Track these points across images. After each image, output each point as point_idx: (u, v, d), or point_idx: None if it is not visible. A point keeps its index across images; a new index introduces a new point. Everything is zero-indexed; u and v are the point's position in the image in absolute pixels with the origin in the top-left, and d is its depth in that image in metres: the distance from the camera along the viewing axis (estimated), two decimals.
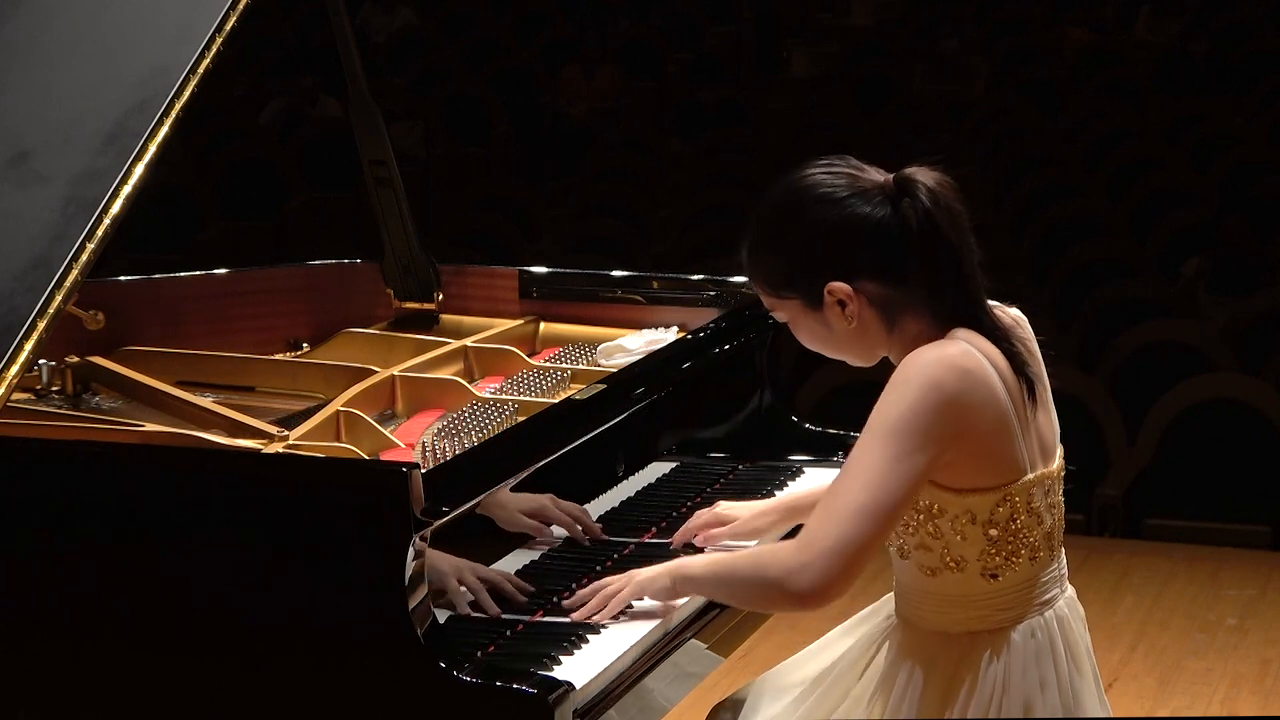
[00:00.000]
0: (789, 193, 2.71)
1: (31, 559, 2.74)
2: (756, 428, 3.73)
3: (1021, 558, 2.65)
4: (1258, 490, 6.82)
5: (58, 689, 2.74)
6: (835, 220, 2.65)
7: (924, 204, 2.62)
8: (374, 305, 4.02)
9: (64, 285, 2.86)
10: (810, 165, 2.73)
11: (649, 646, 2.83)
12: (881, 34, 12.81)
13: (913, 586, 2.72)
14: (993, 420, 2.58)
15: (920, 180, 2.64)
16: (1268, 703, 5.27)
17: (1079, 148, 9.98)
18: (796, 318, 2.72)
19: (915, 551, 2.67)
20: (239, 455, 2.97)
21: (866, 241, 2.63)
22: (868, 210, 2.64)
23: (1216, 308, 7.92)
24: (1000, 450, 2.60)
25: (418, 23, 12.62)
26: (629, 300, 3.91)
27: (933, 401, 2.54)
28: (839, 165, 2.72)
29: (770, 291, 2.74)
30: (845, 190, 2.66)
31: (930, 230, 2.61)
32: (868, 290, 2.64)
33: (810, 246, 2.66)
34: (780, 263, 2.70)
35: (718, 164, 10.38)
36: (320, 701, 2.62)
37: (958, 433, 2.56)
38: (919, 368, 2.56)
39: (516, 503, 2.92)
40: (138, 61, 3.06)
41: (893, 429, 2.55)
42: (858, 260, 2.64)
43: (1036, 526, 2.65)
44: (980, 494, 2.61)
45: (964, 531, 2.62)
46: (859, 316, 2.65)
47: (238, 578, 2.65)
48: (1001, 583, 2.66)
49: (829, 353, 2.75)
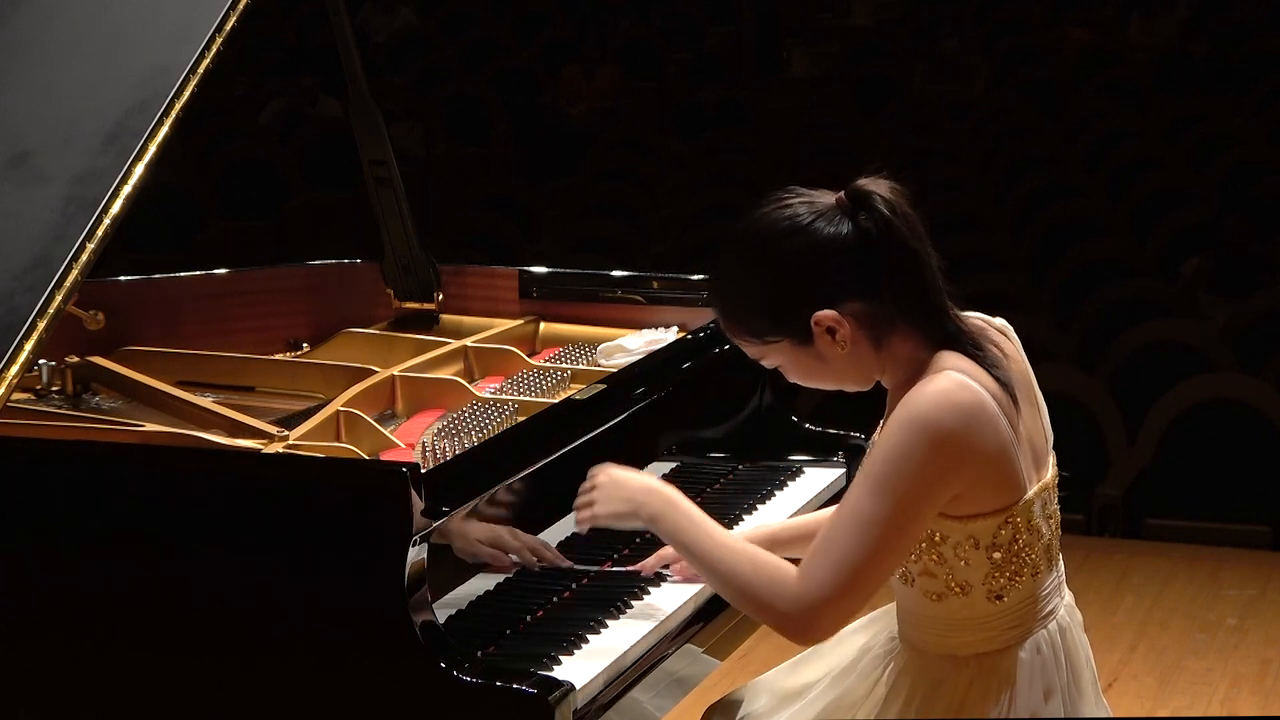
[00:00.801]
0: (749, 238, 2.65)
1: (31, 559, 2.74)
2: (756, 428, 3.73)
3: (1024, 576, 2.64)
4: (1258, 490, 6.81)
5: (58, 689, 2.74)
6: (804, 248, 2.60)
7: (882, 213, 2.58)
8: (374, 305, 4.01)
9: (64, 285, 2.86)
10: (757, 208, 2.67)
11: (649, 647, 2.83)
12: (881, 34, 12.81)
13: (917, 611, 2.70)
14: (994, 450, 2.56)
15: (873, 190, 2.61)
16: (1268, 703, 5.26)
17: (1079, 148, 9.97)
18: (788, 358, 2.67)
19: (920, 578, 2.65)
20: (239, 455, 2.96)
21: (839, 262, 2.59)
22: (832, 230, 2.60)
23: (1216, 308, 7.92)
24: (1002, 475, 2.59)
25: (418, 23, 12.62)
26: (629, 300, 3.91)
27: (933, 449, 2.51)
28: (788, 197, 2.66)
29: (756, 340, 2.68)
30: (806, 217, 2.61)
31: (890, 238, 2.58)
32: (852, 310, 2.60)
33: (786, 282, 2.61)
34: (759, 309, 2.64)
35: (718, 164, 10.38)
36: (320, 701, 2.62)
37: (960, 472, 2.55)
38: (917, 412, 2.53)
39: (475, 532, 2.87)
40: (138, 61, 3.06)
41: (894, 479, 2.52)
42: (835, 283, 2.60)
43: (1037, 542, 2.65)
44: (983, 519, 2.60)
45: (967, 557, 2.61)
46: (850, 340, 2.61)
47: (238, 578, 2.65)
48: (1007, 603, 2.65)
49: (826, 385, 2.71)
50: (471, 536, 2.86)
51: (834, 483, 3.60)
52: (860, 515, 2.54)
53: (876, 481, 2.54)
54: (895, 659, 2.76)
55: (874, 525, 2.53)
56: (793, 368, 2.69)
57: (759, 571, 2.63)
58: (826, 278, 2.60)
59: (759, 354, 2.70)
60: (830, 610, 2.57)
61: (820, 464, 3.65)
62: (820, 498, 3.54)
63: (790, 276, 2.61)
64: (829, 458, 3.67)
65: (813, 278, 2.60)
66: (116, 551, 2.70)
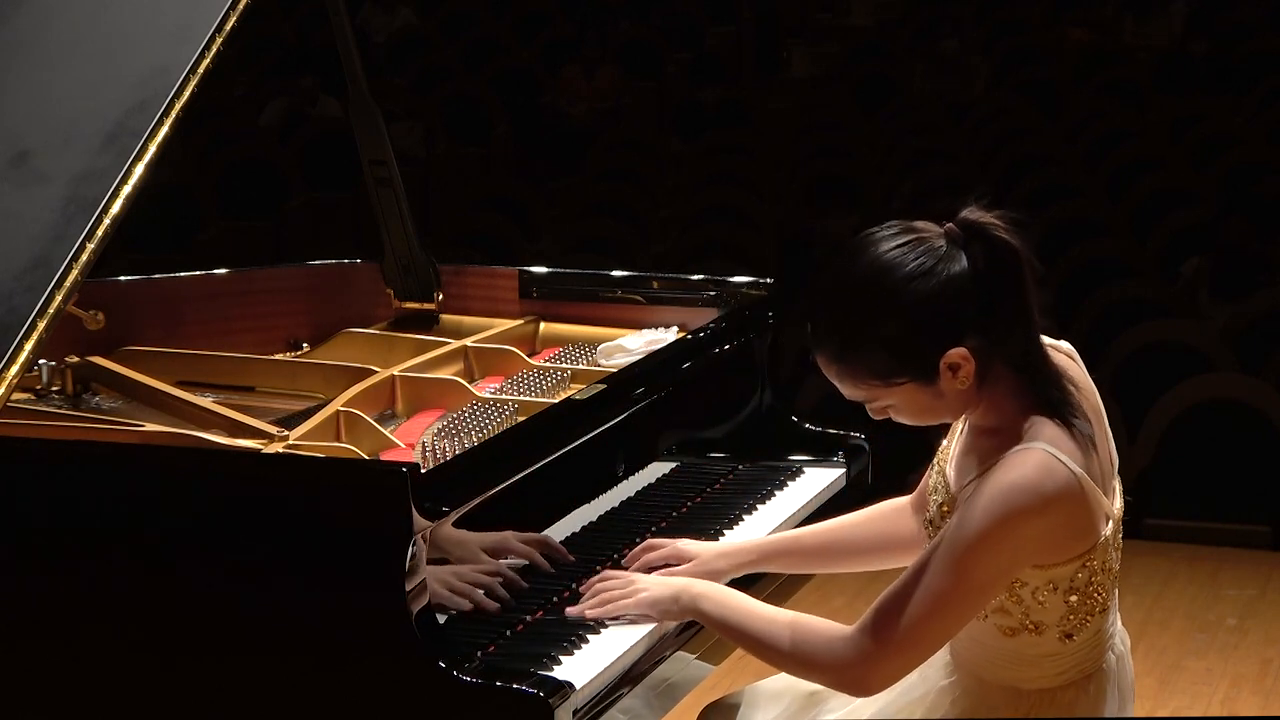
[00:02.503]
0: (869, 281, 2.59)
1: (31, 559, 2.74)
2: (756, 428, 3.73)
3: (1095, 615, 2.66)
4: (1258, 490, 6.82)
5: (58, 689, 2.74)
6: (932, 292, 2.55)
7: (993, 245, 2.58)
8: (374, 305, 4.02)
9: (64, 285, 2.86)
10: (871, 244, 2.61)
11: (649, 646, 2.82)
12: (881, 34, 12.80)
13: (985, 642, 2.70)
14: (1078, 519, 2.57)
15: (981, 222, 2.60)
16: (1268, 703, 5.27)
17: (1079, 148, 9.97)
18: (906, 399, 2.63)
19: (994, 614, 2.65)
20: (239, 455, 2.96)
21: (961, 300, 2.56)
22: (955, 269, 2.57)
23: (1216, 308, 7.92)
24: (1083, 530, 2.60)
25: (418, 23, 12.62)
26: (629, 300, 3.91)
27: (1014, 534, 2.52)
28: (901, 235, 2.61)
29: (878, 382, 2.61)
30: (929, 259, 2.57)
31: (1002, 274, 2.58)
32: (971, 346, 2.57)
33: (917, 326, 2.56)
34: (883, 354, 2.58)
35: (718, 164, 10.38)
36: (320, 701, 2.62)
37: (1040, 547, 2.56)
38: (1002, 497, 2.51)
39: (477, 540, 2.86)
40: (138, 61, 3.06)
41: (972, 561, 2.53)
42: (960, 320, 2.57)
43: (1109, 578, 2.67)
44: (1062, 566, 2.61)
45: (1045, 600, 2.62)
46: (970, 373, 2.59)
47: (238, 578, 2.64)
48: (1077, 641, 2.66)
49: (931, 422, 2.68)
50: (474, 544, 2.85)
51: (834, 483, 3.60)
52: (933, 586, 2.55)
53: (954, 559, 2.54)
54: (950, 684, 2.76)
55: (945, 596, 2.54)
56: (908, 408, 2.64)
57: (798, 628, 2.67)
58: (954, 316, 2.57)
59: (876, 396, 2.64)
60: (890, 667, 2.60)
61: (820, 464, 3.65)
62: (820, 498, 3.54)
63: (918, 321, 2.56)
64: (829, 458, 3.67)
65: (940, 320, 2.56)
66: (116, 551, 2.70)
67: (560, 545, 3.02)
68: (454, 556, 2.79)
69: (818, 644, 2.64)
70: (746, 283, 3.83)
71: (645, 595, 2.81)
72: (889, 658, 2.58)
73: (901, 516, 2.99)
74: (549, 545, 3.00)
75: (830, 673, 2.64)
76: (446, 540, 2.76)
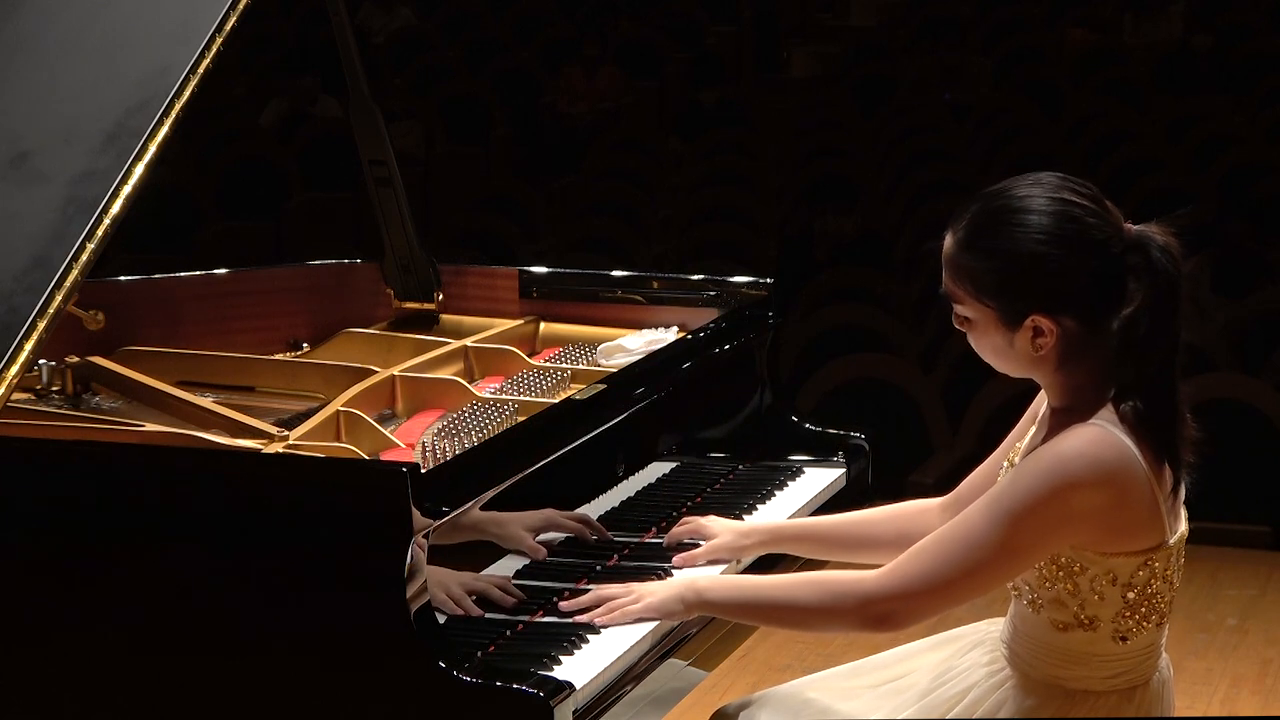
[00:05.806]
0: (1037, 206, 2.61)
1: (32, 559, 2.74)
2: (756, 428, 3.73)
3: (1151, 622, 2.66)
4: (1258, 490, 6.81)
5: (58, 689, 2.74)
6: (1073, 257, 2.58)
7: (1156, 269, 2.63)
8: (374, 305, 4.02)
9: (64, 285, 2.86)
10: (1064, 187, 2.64)
11: (650, 646, 2.83)
12: (881, 34, 12.81)
13: (1037, 637, 2.69)
14: (1131, 500, 2.58)
15: (1156, 242, 2.64)
16: (1268, 703, 5.26)
17: (1079, 148, 9.97)
18: (980, 324, 2.64)
19: (1048, 606, 2.65)
20: (239, 455, 2.97)
21: (1090, 285, 2.59)
22: (1105, 256, 2.60)
23: (1216, 308, 7.92)
24: (1144, 522, 2.61)
25: (418, 23, 12.62)
26: (629, 300, 3.91)
27: (1062, 501, 2.54)
28: (1092, 202, 2.64)
29: (972, 290, 2.63)
30: (1098, 232, 2.61)
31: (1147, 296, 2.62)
32: (1066, 326, 2.59)
33: (1035, 270, 2.58)
34: (993, 271, 2.60)
35: (718, 164, 10.37)
36: (320, 701, 2.62)
37: (1087, 523, 2.56)
38: (1058, 461, 2.54)
39: (521, 521, 2.90)
40: (138, 61, 3.06)
41: (1016, 516, 2.55)
42: (1071, 298, 2.59)
43: (1168, 591, 2.67)
44: (1125, 557, 2.61)
45: (1102, 592, 2.62)
46: (1047, 347, 2.61)
47: (238, 578, 2.65)
48: (1129, 645, 2.66)
49: (993, 362, 2.69)
50: (518, 525, 2.89)
51: (834, 483, 3.61)
52: (973, 536, 2.57)
53: (999, 512, 2.56)
54: (992, 682, 2.75)
55: (983, 549, 2.56)
56: (981, 335, 2.65)
57: (820, 580, 2.70)
58: (1067, 289, 2.59)
59: (960, 298, 2.65)
60: (917, 603, 2.61)
61: (820, 464, 3.65)
62: (820, 498, 3.54)
63: (1040, 266, 2.58)
64: (829, 458, 3.67)
65: (1056, 282, 2.59)
66: (116, 551, 2.70)
67: (599, 523, 3.08)
68: (493, 535, 2.81)
69: (845, 582, 2.66)
70: (746, 283, 3.83)
71: (650, 600, 2.82)
72: (918, 595, 2.59)
73: (924, 516, 2.99)
74: (590, 523, 3.06)
75: (857, 611, 2.64)
76: (486, 520, 2.77)
